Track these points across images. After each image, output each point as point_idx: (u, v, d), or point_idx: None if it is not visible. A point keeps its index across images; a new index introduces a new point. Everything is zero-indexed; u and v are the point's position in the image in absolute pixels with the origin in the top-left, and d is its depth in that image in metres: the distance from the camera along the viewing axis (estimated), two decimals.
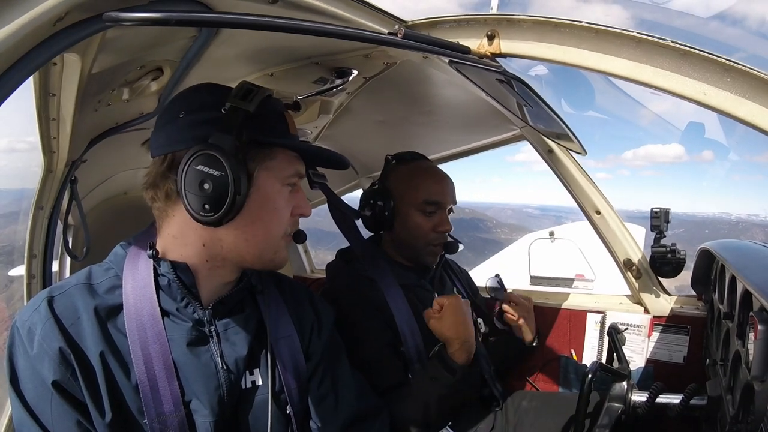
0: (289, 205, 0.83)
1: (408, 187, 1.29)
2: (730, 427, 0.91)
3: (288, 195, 0.83)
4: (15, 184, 3.98)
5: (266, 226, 0.80)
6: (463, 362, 1.09)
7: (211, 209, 0.72)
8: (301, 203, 0.85)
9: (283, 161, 0.81)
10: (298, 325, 0.94)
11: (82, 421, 0.71)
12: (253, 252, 0.80)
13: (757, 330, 0.79)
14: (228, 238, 0.78)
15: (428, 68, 1.11)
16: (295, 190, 0.85)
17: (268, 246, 0.81)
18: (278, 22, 0.62)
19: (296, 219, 0.86)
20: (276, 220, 0.81)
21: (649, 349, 1.54)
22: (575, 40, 0.75)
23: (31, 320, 0.71)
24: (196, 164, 0.72)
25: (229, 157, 0.71)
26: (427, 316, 1.15)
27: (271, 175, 0.79)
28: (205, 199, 0.72)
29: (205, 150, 0.71)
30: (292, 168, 0.82)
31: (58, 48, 0.58)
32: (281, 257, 0.85)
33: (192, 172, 0.72)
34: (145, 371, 0.73)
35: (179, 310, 0.80)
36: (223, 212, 0.72)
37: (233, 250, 0.80)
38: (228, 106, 0.74)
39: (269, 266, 0.85)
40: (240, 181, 0.72)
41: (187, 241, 0.79)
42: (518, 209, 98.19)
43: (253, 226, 0.78)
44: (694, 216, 79.79)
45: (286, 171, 0.81)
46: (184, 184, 0.73)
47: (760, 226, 62.52)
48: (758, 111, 0.62)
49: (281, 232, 0.82)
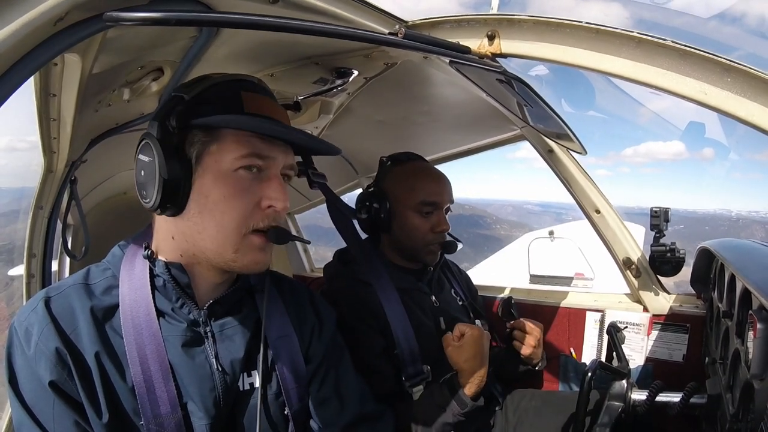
0: (251, 194, 0.75)
1: (404, 188, 1.28)
2: (729, 425, 0.91)
3: (248, 182, 0.75)
4: (16, 182, 3.98)
5: (216, 217, 0.73)
6: (472, 395, 1.06)
7: (147, 195, 0.74)
8: (271, 194, 0.75)
9: (231, 143, 0.73)
10: (298, 326, 0.92)
11: (79, 422, 0.71)
12: (211, 248, 0.75)
13: (757, 328, 0.79)
14: (186, 230, 0.76)
15: (428, 68, 1.11)
16: (266, 178, 0.76)
17: (223, 241, 0.74)
18: (278, 22, 0.62)
19: (268, 212, 0.76)
20: (227, 210, 0.73)
21: (648, 348, 1.54)
22: (575, 40, 0.76)
23: (28, 320, 0.71)
24: (138, 154, 0.76)
25: (156, 143, 0.72)
26: (446, 342, 1.12)
27: (216, 159, 0.74)
28: (141, 186, 0.75)
29: (143, 139, 0.75)
30: (243, 148, 0.73)
31: (58, 48, 0.58)
32: (248, 259, 0.76)
33: (137, 162, 0.76)
34: (141, 372, 0.73)
35: (174, 310, 0.79)
36: (155, 197, 0.72)
37: (195, 245, 0.76)
38: (170, 95, 0.76)
39: (234, 268, 0.78)
40: (168, 165, 0.71)
41: (162, 235, 0.80)
42: (519, 206, 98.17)
43: (201, 216, 0.74)
44: (694, 213, 79.93)
45: (233, 153, 0.73)
46: (135, 174, 0.77)
47: (760, 222, 62.65)
48: (758, 111, 0.62)
49: (237, 224, 0.74)
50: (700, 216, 69.38)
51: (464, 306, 1.43)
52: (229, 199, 0.74)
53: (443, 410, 1.06)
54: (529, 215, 77.45)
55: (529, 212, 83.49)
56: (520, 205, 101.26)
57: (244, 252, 0.76)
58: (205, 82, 0.77)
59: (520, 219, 67.80)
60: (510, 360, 1.39)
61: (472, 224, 12.14)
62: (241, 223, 0.75)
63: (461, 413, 1.05)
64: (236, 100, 0.76)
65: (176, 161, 0.72)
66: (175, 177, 0.72)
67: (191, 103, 0.74)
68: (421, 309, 1.28)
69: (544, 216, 66.09)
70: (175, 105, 0.74)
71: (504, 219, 64.46)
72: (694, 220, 58.22)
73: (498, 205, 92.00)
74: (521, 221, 61.99)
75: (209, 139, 0.74)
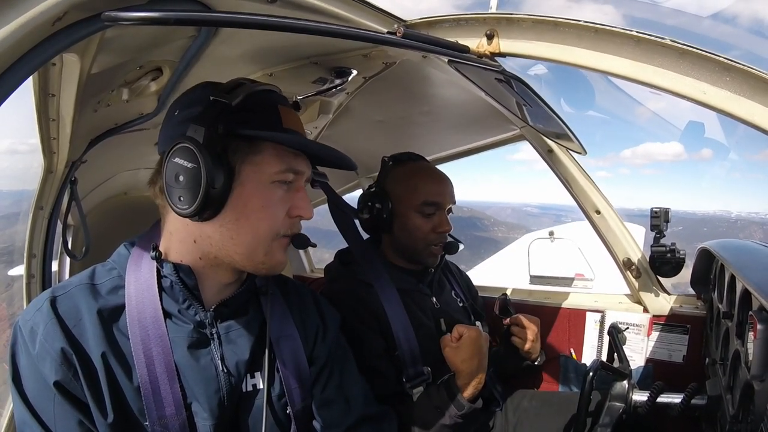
0: (284, 204, 0.79)
1: (406, 188, 1.28)
2: (730, 426, 0.91)
3: (282, 193, 0.79)
4: (16, 185, 3.99)
5: (252, 225, 0.76)
6: (470, 397, 1.06)
7: (185, 201, 0.72)
8: (299, 204, 0.80)
9: (272, 156, 0.76)
10: (302, 327, 0.93)
11: (83, 421, 0.71)
12: (241, 252, 0.78)
13: (757, 329, 0.79)
14: (215, 235, 0.77)
15: (427, 68, 1.11)
16: (294, 189, 0.81)
17: (256, 246, 0.77)
18: (278, 22, 0.62)
19: (295, 221, 0.81)
20: (264, 218, 0.77)
21: (648, 349, 1.54)
22: (575, 39, 0.75)
23: (33, 320, 0.71)
24: (173, 157, 0.73)
25: (202, 149, 0.70)
26: (444, 343, 1.12)
27: (257, 170, 0.76)
28: (180, 191, 0.73)
29: (182, 143, 0.72)
30: (282, 164, 0.77)
31: (57, 48, 0.58)
32: (275, 260, 0.80)
33: (170, 165, 0.73)
34: (147, 373, 0.73)
35: (181, 311, 0.80)
36: (197, 205, 0.71)
37: (222, 249, 0.78)
38: (210, 100, 0.74)
39: (261, 270, 0.81)
40: (214, 173, 0.71)
41: (180, 237, 0.80)
42: (518, 208, 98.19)
43: (237, 224, 0.76)
44: (694, 214, 79.90)
45: (274, 167, 0.77)
46: (165, 177, 0.74)
47: (759, 224, 62.63)
48: (758, 110, 0.62)
49: (271, 232, 0.78)
50: (700, 217, 69.42)
51: (464, 307, 1.43)
52: (266, 209, 0.77)
53: (440, 412, 1.06)
54: (527, 217, 77.47)
55: (528, 214, 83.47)
56: (520, 207, 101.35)
57: (271, 255, 0.80)
58: (244, 89, 0.76)
59: (518, 221, 67.85)
60: (509, 357, 1.40)
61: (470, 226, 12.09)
62: (274, 231, 0.78)
63: (458, 415, 1.05)
64: (275, 113, 0.78)
65: (221, 169, 0.72)
66: (219, 185, 0.72)
67: (236, 111, 0.74)
68: (421, 310, 1.28)
69: (543, 218, 66.12)
70: (221, 111, 0.73)
71: (502, 221, 64.53)
72: (693, 222, 58.22)
73: (497, 208, 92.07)
74: (519, 223, 62.07)
75: (252, 149, 0.75)
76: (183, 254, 0.80)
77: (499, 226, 56.00)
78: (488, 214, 67.65)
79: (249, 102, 0.75)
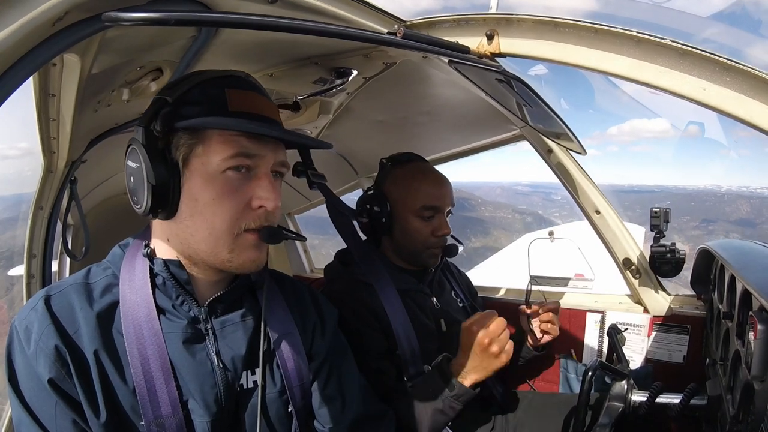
0: (241, 194, 0.74)
1: (405, 191, 1.28)
2: (730, 426, 0.91)
3: (237, 182, 0.74)
4: (9, 189, 3.99)
5: (207, 220, 0.73)
6: (470, 384, 1.04)
7: (138, 201, 0.74)
8: (261, 193, 0.74)
9: (218, 144, 0.72)
10: (301, 323, 0.92)
11: (77, 421, 0.70)
12: (204, 249, 0.75)
13: (757, 329, 0.79)
14: (180, 233, 0.76)
15: (428, 68, 1.11)
16: (255, 177, 0.75)
17: (215, 243, 0.74)
18: (278, 22, 0.62)
19: (260, 212, 0.75)
20: (218, 212, 0.73)
21: (648, 349, 1.54)
22: (575, 39, 0.75)
23: (28, 319, 0.71)
24: (126, 160, 0.76)
25: (141, 148, 0.71)
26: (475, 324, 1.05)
27: (204, 161, 0.73)
28: (132, 192, 0.76)
29: (130, 145, 0.75)
30: (230, 149, 0.72)
31: (57, 48, 0.58)
32: (243, 258, 0.76)
33: (126, 168, 0.76)
34: (142, 372, 0.73)
35: (175, 307, 0.79)
36: (147, 204, 0.72)
37: (189, 247, 0.76)
38: (154, 99, 0.75)
39: (231, 268, 0.77)
40: (156, 171, 0.71)
41: (159, 236, 0.80)
42: (509, 187, 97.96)
43: (193, 220, 0.74)
44: (684, 189, 79.47)
45: (220, 154, 0.72)
46: (125, 180, 0.77)
47: (746, 197, 62.32)
48: (758, 110, 0.62)
49: (228, 226, 0.74)
50: (689, 192, 69.16)
51: (464, 307, 1.43)
52: (218, 201, 0.73)
53: (433, 393, 1.05)
54: (517, 196, 77.19)
55: (518, 193, 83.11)
56: (511, 186, 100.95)
57: (238, 252, 0.76)
58: (189, 82, 0.75)
59: (507, 200, 67.65)
60: (523, 350, 1.41)
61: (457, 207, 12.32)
62: (232, 224, 0.74)
63: (450, 396, 1.04)
64: (221, 98, 0.73)
65: (163, 166, 0.72)
66: (164, 182, 0.72)
67: (175, 105, 0.73)
68: (421, 310, 1.28)
69: (533, 196, 65.88)
70: (160, 108, 0.73)
71: (490, 200, 64.41)
72: (681, 197, 58.00)
73: (487, 188, 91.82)
74: (508, 202, 61.95)
75: (195, 141, 0.72)
76: (164, 253, 0.80)
77: (485, 206, 55.83)
78: (477, 194, 67.48)
79: (193, 93, 0.74)
